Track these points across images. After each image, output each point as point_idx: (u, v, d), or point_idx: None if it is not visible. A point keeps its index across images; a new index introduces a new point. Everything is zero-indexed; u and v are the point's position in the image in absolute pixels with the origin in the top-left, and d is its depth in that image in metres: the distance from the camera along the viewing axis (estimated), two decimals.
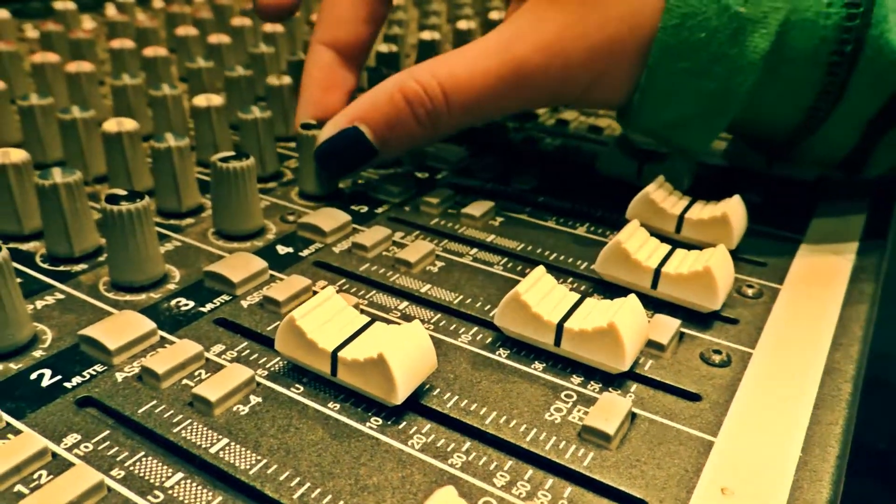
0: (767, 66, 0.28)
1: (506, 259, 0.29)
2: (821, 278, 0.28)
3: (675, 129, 0.31)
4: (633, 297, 0.23)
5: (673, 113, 0.30)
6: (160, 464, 0.19)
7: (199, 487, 0.18)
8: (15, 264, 0.27)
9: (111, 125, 0.32)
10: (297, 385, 0.22)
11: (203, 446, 0.20)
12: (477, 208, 0.33)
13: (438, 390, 0.22)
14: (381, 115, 0.31)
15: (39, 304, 0.25)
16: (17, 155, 0.28)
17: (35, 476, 0.18)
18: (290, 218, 0.32)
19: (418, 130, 0.31)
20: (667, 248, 0.27)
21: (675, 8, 0.28)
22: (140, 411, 0.21)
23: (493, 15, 0.62)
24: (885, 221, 0.33)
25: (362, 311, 0.25)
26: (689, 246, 0.28)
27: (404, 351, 0.21)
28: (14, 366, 0.22)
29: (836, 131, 0.30)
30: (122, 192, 0.26)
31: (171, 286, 0.27)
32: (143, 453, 0.19)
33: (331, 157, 0.32)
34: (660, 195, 0.31)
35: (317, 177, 0.33)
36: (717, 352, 0.24)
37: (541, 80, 0.30)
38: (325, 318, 0.22)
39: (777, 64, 0.28)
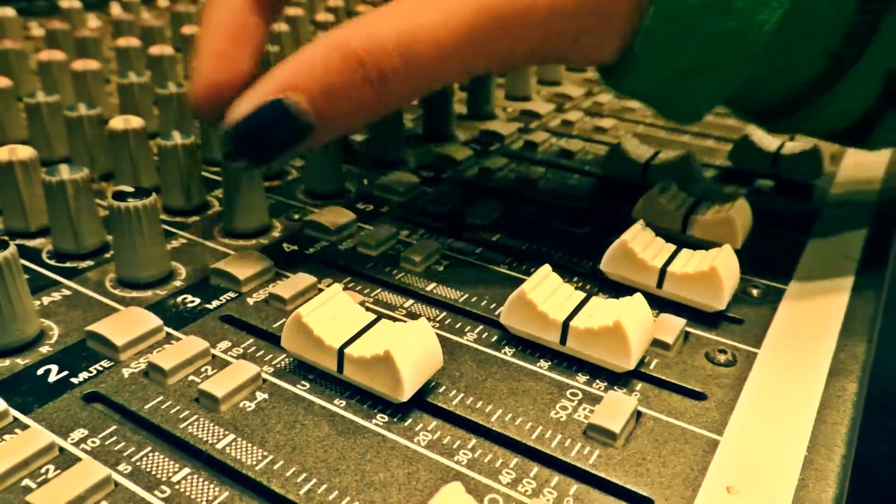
0: (792, 1, 0.24)
1: (511, 258, 0.29)
2: (826, 278, 0.28)
3: (677, 86, 0.27)
4: (638, 297, 0.23)
5: (681, 62, 0.25)
6: (167, 459, 0.19)
7: (206, 482, 0.18)
8: (22, 261, 0.27)
9: (117, 123, 0.32)
10: (303, 382, 0.22)
11: (209, 442, 0.20)
12: (482, 207, 0.33)
13: (444, 388, 0.22)
14: (318, 80, 0.24)
15: (46, 300, 0.25)
16: (25, 152, 0.29)
17: (42, 470, 0.18)
18: (296, 216, 0.32)
19: (369, 99, 0.24)
20: (672, 247, 0.27)
21: None
22: (147, 407, 0.21)
23: None
24: (890, 222, 0.33)
25: (368, 309, 0.25)
26: (695, 245, 0.28)
27: (411, 348, 0.21)
28: (21, 361, 0.22)
29: (855, 88, 0.27)
30: (129, 189, 0.27)
31: (177, 283, 0.27)
32: (149, 448, 0.19)
33: (254, 137, 0.25)
34: (666, 196, 0.31)
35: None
36: (723, 351, 0.24)
37: (522, 29, 0.24)
38: (332, 316, 0.22)
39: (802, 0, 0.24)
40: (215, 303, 0.26)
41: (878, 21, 0.25)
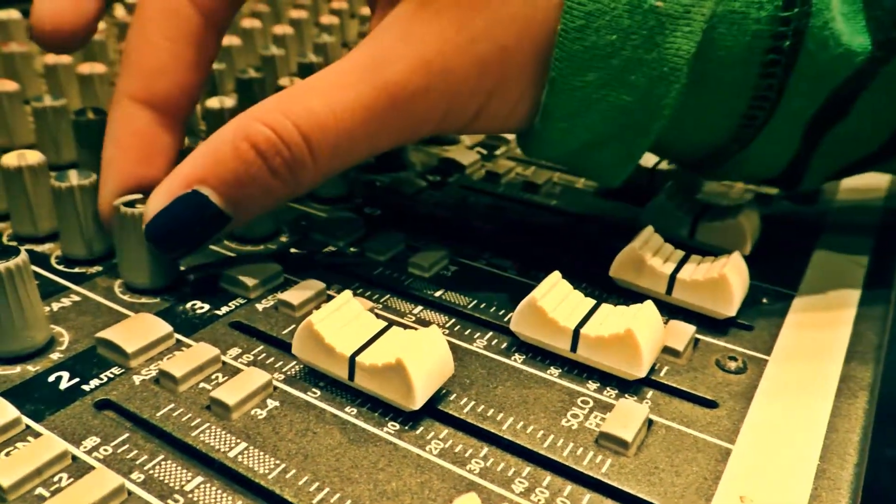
0: (693, 71, 0.24)
1: (519, 264, 0.29)
2: (835, 283, 0.28)
3: (587, 156, 0.26)
4: (649, 304, 0.23)
5: (583, 135, 0.25)
6: (179, 467, 0.19)
7: (219, 491, 0.18)
8: (31, 266, 0.27)
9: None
10: (313, 389, 0.22)
11: (222, 450, 0.20)
12: (488, 211, 0.33)
13: (455, 395, 0.22)
14: (226, 172, 0.24)
15: (56, 306, 0.25)
16: (34, 157, 0.29)
17: (55, 479, 0.18)
18: (304, 222, 0.32)
19: (278, 187, 0.24)
20: (681, 253, 0.27)
21: (577, 6, 0.23)
22: (158, 414, 0.21)
23: None
24: None
25: (377, 315, 0.25)
26: (703, 252, 0.28)
27: (422, 356, 0.21)
28: (32, 368, 0.22)
29: (774, 141, 0.26)
30: (137, 196, 0.26)
31: (187, 289, 0.27)
32: (162, 457, 0.19)
33: (169, 233, 0.25)
34: (673, 201, 0.31)
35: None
36: (733, 358, 0.24)
37: (421, 107, 0.24)
38: (343, 323, 0.22)
39: (704, 68, 0.24)
40: (224, 309, 0.26)
41: (785, 81, 0.24)
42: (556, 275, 0.25)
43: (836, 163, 0.28)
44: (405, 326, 0.25)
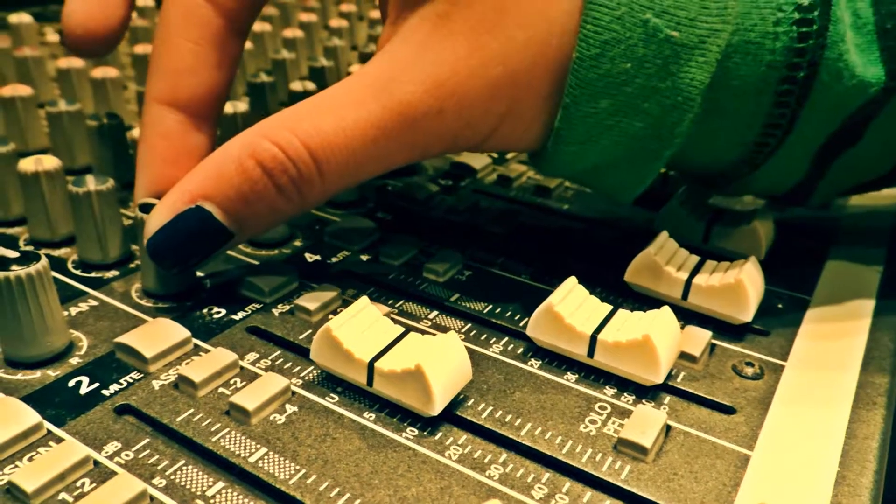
0: (706, 99, 0.24)
1: (533, 268, 0.29)
2: (850, 287, 0.28)
3: (598, 176, 0.27)
4: (666, 309, 0.23)
5: (594, 159, 0.25)
6: (201, 472, 0.19)
7: (241, 497, 0.19)
8: None
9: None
10: (332, 394, 0.22)
11: (242, 455, 0.20)
12: (501, 215, 0.33)
13: (472, 401, 0.22)
14: (230, 188, 0.24)
15: (73, 310, 0.26)
16: (50, 162, 0.29)
17: (78, 484, 0.18)
18: (317, 227, 0.32)
19: (283, 204, 0.24)
20: (696, 258, 0.27)
21: (593, 35, 0.23)
22: (178, 419, 0.21)
23: None
24: None
25: (393, 320, 0.25)
26: (718, 256, 0.28)
27: (441, 362, 0.21)
28: (52, 373, 0.22)
29: (784, 164, 0.27)
30: (153, 201, 0.27)
31: (203, 294, 0.27)
32: (183, 462, 0.19)
33: (171, 249, 0.24)
34: (687, 206, 0.31)
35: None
36: (750, 364, 0.24)
37: (433, 127, 0.24)
38: (361, 329, 0.22)
39: (717, 97, 0.24)
40: (241, 314, 0.26)
41: (798, 110, 0.24)
42: (573, 280, 0.25)
43: (845, 184, 0.29)
44: (421, 332, 0.25)
